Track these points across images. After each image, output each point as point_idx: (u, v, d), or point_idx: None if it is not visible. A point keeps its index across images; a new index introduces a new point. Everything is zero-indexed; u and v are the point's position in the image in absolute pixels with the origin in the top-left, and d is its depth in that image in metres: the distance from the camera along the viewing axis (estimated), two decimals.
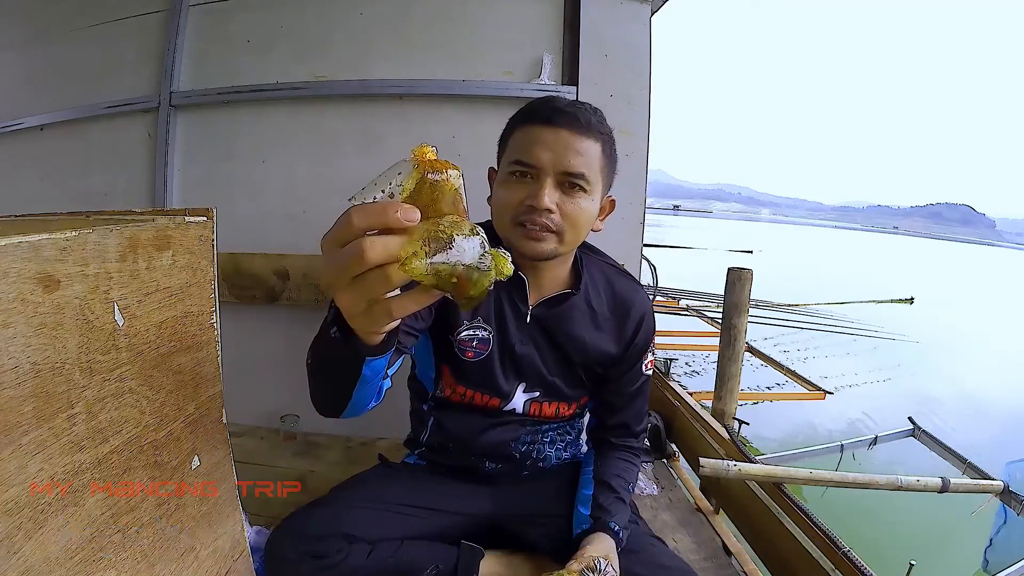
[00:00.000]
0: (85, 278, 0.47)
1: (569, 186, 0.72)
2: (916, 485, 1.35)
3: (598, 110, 0.77)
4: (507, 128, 0.80)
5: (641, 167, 1.35)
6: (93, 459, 0.49)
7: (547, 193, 0.71)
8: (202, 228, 0.64)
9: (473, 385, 0.85)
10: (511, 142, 0.76)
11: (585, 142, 0.73)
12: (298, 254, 1.40)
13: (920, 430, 2.22)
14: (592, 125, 0.74)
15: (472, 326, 0.82)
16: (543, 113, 0.73)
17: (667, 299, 4.52)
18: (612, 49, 1.33)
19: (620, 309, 0.85)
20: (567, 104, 0.74)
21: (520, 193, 0.73)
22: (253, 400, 1.42)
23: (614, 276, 0.88)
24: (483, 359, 0.83)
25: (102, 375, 0.50)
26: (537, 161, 0.71)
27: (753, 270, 1.60)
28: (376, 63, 1.37)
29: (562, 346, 0.84)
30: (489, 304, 0.83)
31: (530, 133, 0.73)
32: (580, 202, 0.73)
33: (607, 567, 0.69)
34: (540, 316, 0.83)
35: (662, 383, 2.00)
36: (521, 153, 0.73)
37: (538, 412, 0.87)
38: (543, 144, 0.72)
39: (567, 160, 0.71)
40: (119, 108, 1.48)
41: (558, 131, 0.72)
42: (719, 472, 1.21)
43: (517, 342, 0.82)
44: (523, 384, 0.85)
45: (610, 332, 0.85)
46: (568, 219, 0.73)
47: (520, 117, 0.77)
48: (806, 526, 1.11)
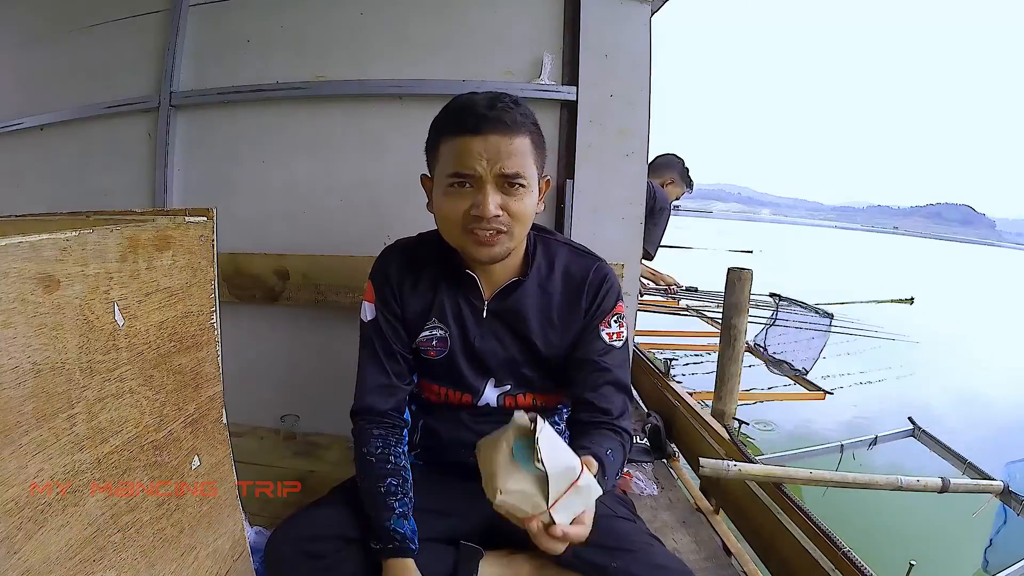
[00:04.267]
0: (85, 278, 0.47)
1: (509, 185, 0.74)
2: (916, 485, 1.35)
3: (517, 100, 0.76)
4: (433, 135, 0.79)
5: (641, 168, 1.35)
6: (93, 459, 0.49)
7: (490, 200, 0.73)
8: (202, 228, 0.64)
9: (444, 382, 0.88)
10: (442, 153, 0.77)
11: (515, 141, 0.74)
12: (298, 254, 1.40)
13: (920, 430, 2.22)
14: (518, 122, 0.74)
15: (429, 327, 0.86)
16: (468, 123, 0.73)
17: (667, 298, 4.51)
18: (612, 49, 1.33)
19: (575, 280, 0.86)
20: (487, 106, 0.73)
21: (463, 203, 0.75)
22: (253, 400, 1.42)
23: (566, 254, 0.88)
24: (445, 357, 0.86)
25: (102, 375, 0.50)
26: (474, 171, 0.73)
27: (753, 270, 1.60)
28: (376, 63, 1.37)
29: (523, 335, 0.85)
30: (443, 304, 0.85)
31: (460, 144, 0.74)
32: (523, 199, 0.76)
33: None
34: (496, 309, 0.85)
35: (662, 383, 2.00)
36: (456, 165, 0.74)
37: (514, 405, 0.88)
38: (475, 154, 0.73)
39: (502, 164, 0.73)
40: (119, 108, 1.48)
41: (487, 137, 0.73)
42: (719, 472, 1.21)
43: (476, 337, 0.85)
44: (491, 379, 0.87)
45: (564, 310, 0.85)
46: (515, 217, 0.75)
47: (446, 127, 0.76)
48: (806, 526, 1.11)
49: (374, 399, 0.85)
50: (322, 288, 1.38)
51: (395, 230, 1.37)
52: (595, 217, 1.34)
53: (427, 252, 0.87)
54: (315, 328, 1.45)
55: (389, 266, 0.87)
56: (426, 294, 0.86)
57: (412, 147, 1.39)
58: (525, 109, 0.77)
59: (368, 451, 0.83)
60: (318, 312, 1.43)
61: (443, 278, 0.86)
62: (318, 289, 1.38)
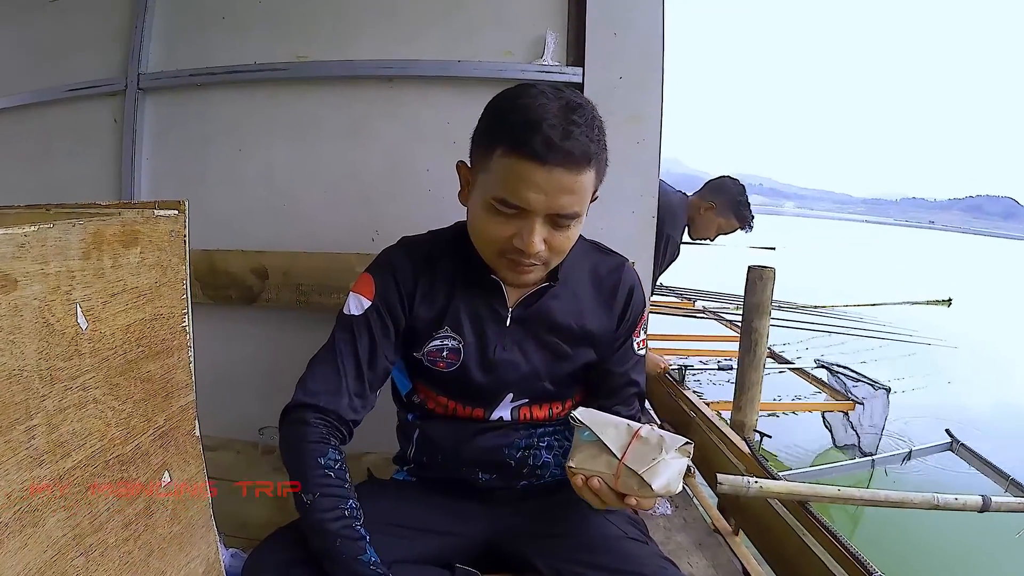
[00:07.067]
0: (45, 277, 0.47)
1: (559, 220, 0.73)
2: (954, 504, 1.35)
3: (592, 122, 0.71)
4: (488, 136, 0.74)
5: (653, 157, 1.35)
6: (54, 475, 0.49)
7: (536, 236, 0.72)
8: (173, 222, 0.64)
9: (452, 396, 0.87)
10: (494, 166, 0.71)
11: (580, 178, 0.70)
12: (278, 251, 1.40)
13: (958, 443, 2.22)
14: (589, 155, 0.70)
15: (440, 336, 0.84)
16: (535, 148, 0.67)
17: (681, 300, 4.51)
18: (621, 27, 1.33)
19: (605, 286, 0.87)
20: (562, 132, 0.67)
21: (505, 230, 0.73)
22: (229, 411, 1.42)
23: (593, 255, 0.89)
24: (456, 369, 0.84)
25: (63, 383, 0.50)
26: (528, 204, 0.70)
27: (776, 268, 1.60)
28: (363, 42, 1.37)
29: (550, 344, 0.85)
30: (459, 312, 0.84)
31: (518, 169, 0.69)
32: (570, 232, 0.76)
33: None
34: (521, 317, 0.84)
35: (676, 392, 2.00)
36: (508, 192, 0.70)
37: (529, 416, 0.88)
38: (535, 186, 0.69)
39: (560, 203, 0.71)
40: (82, 91, 1.48)
41: (552, 171, 0.68)
42: (738, 489, 1.21)
43: (497, 348, 0.84)
44: (510, 394, 0.86)
45: (597, 312, 0.86)
46: (555, 250, 0.76)
47: (507, 138, 0.70)
48: (834, 548, 1.11)
49: (338, 403, 0.78)
50: (304, 288, 1.38)
51: (385, 225, 1.37)
52: (603, 211, 1.33)
53: (441, 252, 0.86)
54: (297, 332, 1.45)
55: (399, 264, 0.84)
56: (438, 300, 0.84)
57: (403, 133, 1.41)
58: (599, 131, 0.72)
59: (326, 462, 0.74)
60: (300, 314, 1.43)
61: (460, 283, 0.84)
62: (300, 289, 1.38)
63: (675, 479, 0.69)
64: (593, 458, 0.71)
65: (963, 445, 2.22)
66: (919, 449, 2.26)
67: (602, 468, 0.70)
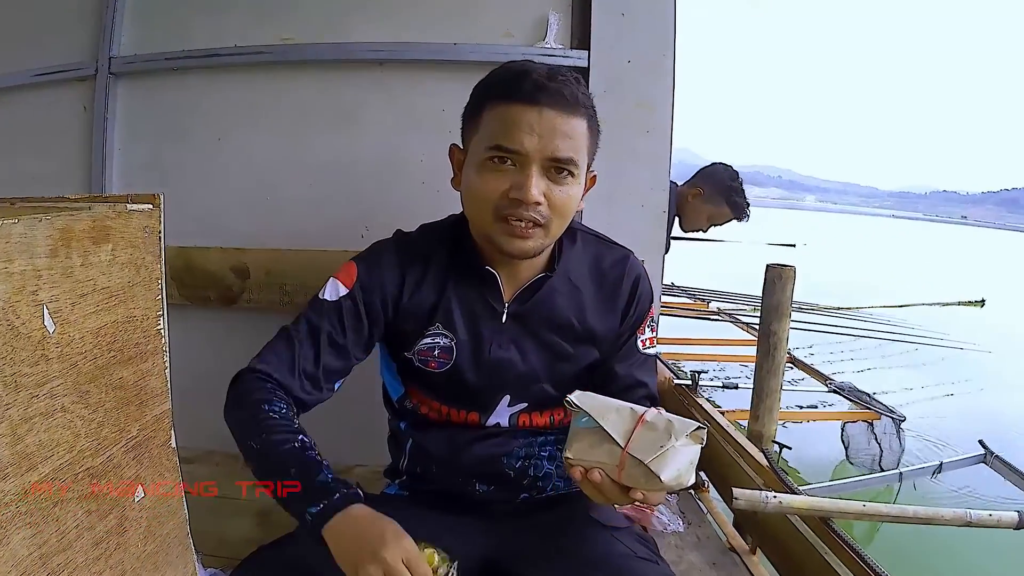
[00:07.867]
0: (9, 277, 0.47)
1: (556, 172, 0.75)
2: (988, 520, 1.35)
3: (578, 77, 0.78)
4: (476, 100, 0.80)
5: (664, 146, 1.35)
6: (18, 489, 0.49)
7: (534, 183, 0.73)
8: (147, 217, 0.64)
9: (445, 400, 0.87)
10: (484, 121, 0.77)
11: (572, 121, 0.75)
12: (260, 248, 1.40)
13: (993, 455, 2.22)
14: (579, 100, 0.75)
15: (431, 334, 0.84)
16: (524, 89, 0.73)
17: (694, 301, 4.52)
18: (630, 7, 1.33)
19: (608, 279, 0.88)
20: (547, 75, 0.74)
21: (502, 182, 0.75)
22: (207, 420, 1.40)
23: (596, 247, 0.90)
24: (448, 369, 0.85)
25: (29, 391, 0.50)
26: (521, 147, 0.73)
27: (796, 267, 1.60)
28: (353, 24, 1.37)
29: (550, 343, 0.85)
30: (451, 308, 0.84)
31: (509, 113, 0.74)
32: (568, 189, 0.76)
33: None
34: (517, 312, 0.85)
35: (689, 400, 2.00)
36: (501, 137, 0.74)
37: (528, 423, 0.88)
38: (527, 127, 0.73)
39: (555, 145, 0.74)
40: (49, 76, 1.48)
41: (543, 111, 0.73)
42: (756, 505, 1.21)
43: (493, 346, 0.84)
44: (507, 396, 0.86)
45: (600, 306, 0.87)
46: (556, 209, 0.76)
47: (495, 90, 0.77)
48: (859, 568, 1.11)
49: (291, 381, 0.80)
50: (288, 288, 1.38)
51: (375, 220, 1.37)
52: (609, 204, 1.34)
53: (431, 247, 0.87)
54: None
55: (387, 256, 0.86)
56: (429, 295, 0.85)
57: (395, 122, 1.41)
58: (586, 89, 0.78)
59: (271, 409, 0.75)
60: (283, 316, 1.41)
61: (452, 277, 0.85)
62: (283, 289, 1.38)
63: (686, 469, 0.65)
64: (593, 447, 0.67)
65: (998, 457, 2.22)
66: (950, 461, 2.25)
67: (603, 458, 0.66)
